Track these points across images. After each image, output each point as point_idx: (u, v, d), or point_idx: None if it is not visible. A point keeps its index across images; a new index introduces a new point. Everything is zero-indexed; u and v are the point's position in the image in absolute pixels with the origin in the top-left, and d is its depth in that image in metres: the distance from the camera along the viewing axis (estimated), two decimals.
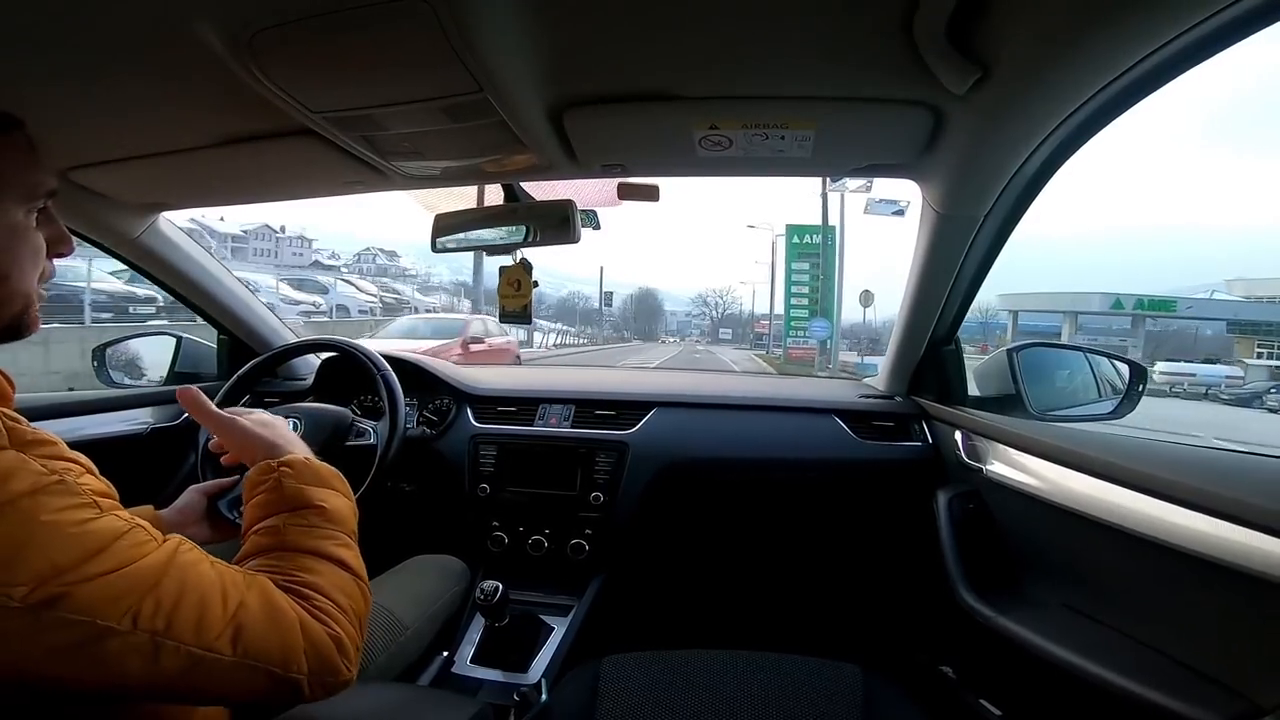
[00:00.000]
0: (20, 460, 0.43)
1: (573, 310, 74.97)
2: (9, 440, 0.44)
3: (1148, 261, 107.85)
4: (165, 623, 0.44)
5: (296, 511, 0.61)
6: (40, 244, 0.56)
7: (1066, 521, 0.86)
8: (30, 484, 0.42)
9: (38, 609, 0.39)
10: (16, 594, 0.39)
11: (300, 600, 0.53)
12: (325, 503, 0.62)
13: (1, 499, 0.41)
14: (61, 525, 0.42)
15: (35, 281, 0.56)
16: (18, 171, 0.53)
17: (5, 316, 0.53)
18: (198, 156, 0.97)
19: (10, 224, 0.52)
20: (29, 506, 0.42)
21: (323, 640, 0.51)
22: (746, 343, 58.96)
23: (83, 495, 0.45)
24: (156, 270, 1.38)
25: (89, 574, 0.42)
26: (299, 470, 0.64)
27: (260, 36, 0.62)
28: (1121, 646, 0.77)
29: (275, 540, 0.58)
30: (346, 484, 0.68)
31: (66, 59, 0.68)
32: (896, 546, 1.39)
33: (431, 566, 1.20)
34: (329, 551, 0.59)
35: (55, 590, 0.40)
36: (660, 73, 0.76)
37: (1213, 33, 0.58)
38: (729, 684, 0.89)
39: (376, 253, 69.27)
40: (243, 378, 1.24)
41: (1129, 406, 1.21)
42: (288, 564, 0.56)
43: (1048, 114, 0.75)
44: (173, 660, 0.44)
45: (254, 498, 0.63)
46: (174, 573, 0.46)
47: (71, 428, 1.25)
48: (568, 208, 1.10)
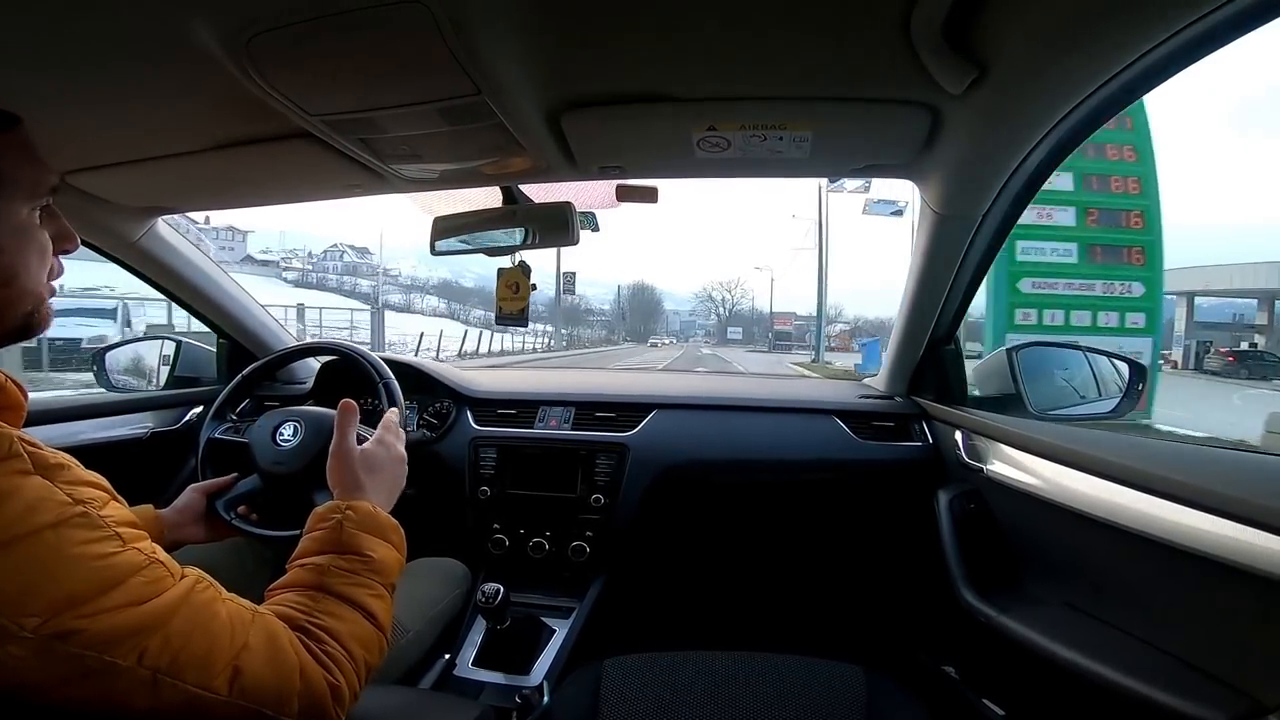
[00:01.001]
0: (46, 489, 0.44)
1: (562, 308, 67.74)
2: (33, 466, 0.44)
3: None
4: (169, 661, 0.44)
5: (345, 555, 0.63)
6: (46, 242, 0.56)
7: (1067, 520, 0.86)
8: (55, 515, 0.43)
9: (49, 641, 0.40)
10: (29, 624, 0.40)
11: (312, 642, 0.54)
12: (374, 553, 0.64)
13: (25, 530, 0.41)
14: (82, 558, 0.43)
15: (44, 279, 0.56)
16: (20, 168, 0.53)
17: (16, 315, 0.54)
18: (196, 160, 0.97)
19: (16, 223, 0.53)
20: (52, 540, 0.42)
21: (319, 686, 0.52)
22: (763, 344, 53.12)
23: (105, 528, 0.45)
24: (155, 274, 1.38)
25: (103, 608, 0.42)
26: (361, 517, 0.66)
27: (257, 40, 0.62)
28: (1124, 645, 0.77)
29: (316, 578, 0.60)
30: (402, 535, 0.70)
31: (63, 63, 0.68)
32: (897, 547, 1.39)
33: (432, 569, 1.20)
34: (361, 600, 0.60)
35: (69, 624, 0.41)
36: (658, 74, 0.76)
37: (1208, 31, 0.58)
38: (731, 685, 0.89)
39: (345, 250, 66.08)
40: (242, 381, 1.24)
41: (1129, 405, 1.21)
42: (318, 605, 0.58)
43: (1045, 113, 0.76)
44: (171, 696, 0.44)
45: (313, 532, 0.65)
46: (185, 611, 0.47)
47: (72, 432, 1.25)
48: (566, 210, 1.11)
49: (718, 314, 78.71)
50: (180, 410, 1.49)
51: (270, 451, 1.04)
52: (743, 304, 78.05)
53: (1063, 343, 1.44)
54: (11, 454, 0.43)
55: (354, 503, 0.68)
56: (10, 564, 0.40)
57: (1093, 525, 0.81)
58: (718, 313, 78.84)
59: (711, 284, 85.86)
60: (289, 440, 1.05)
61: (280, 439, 1.06)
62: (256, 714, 0.48)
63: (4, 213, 0.51)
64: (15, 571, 0.40)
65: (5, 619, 0.39)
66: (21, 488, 0.42)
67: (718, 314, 78.71)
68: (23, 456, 0.44)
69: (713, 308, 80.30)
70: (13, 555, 0.40)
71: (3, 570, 0.40)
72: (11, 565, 0.40)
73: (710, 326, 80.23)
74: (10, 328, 0.54)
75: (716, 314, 78.71)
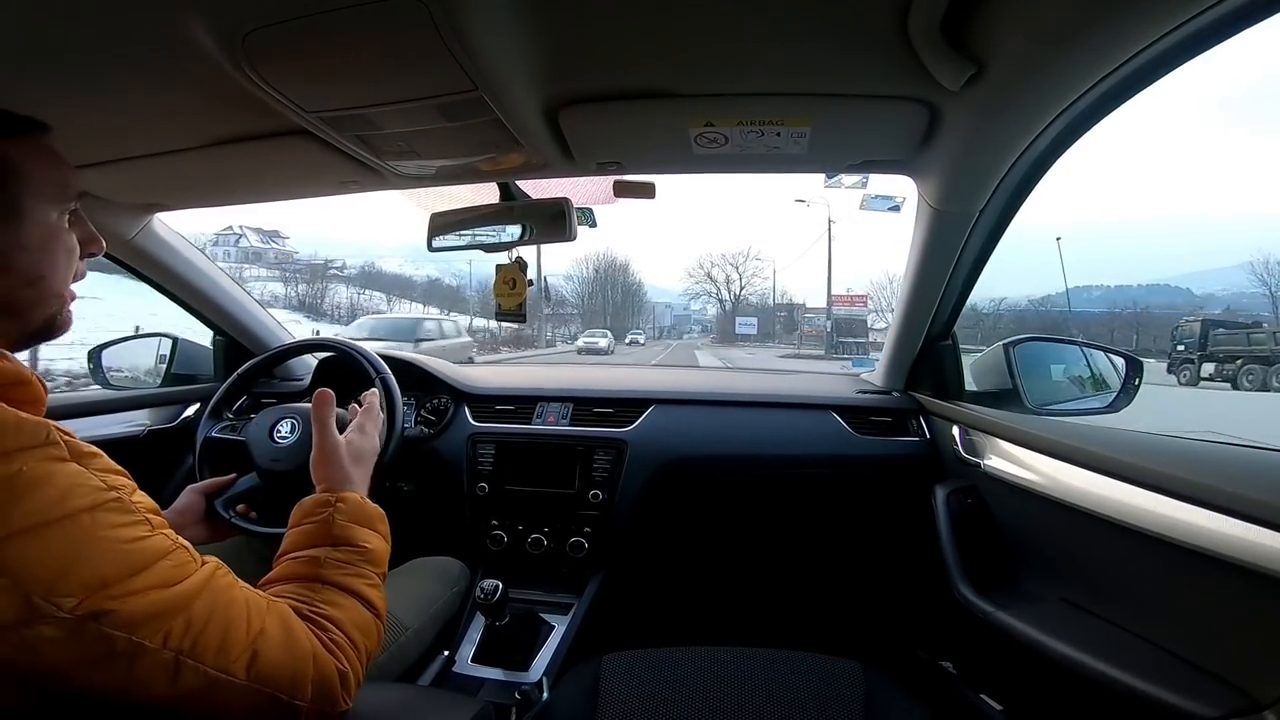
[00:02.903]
0: (81, 475, 0.45)
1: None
2: (69, 453, 0.45)
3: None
4: (191, 643, 0.45)
5: (339, 547, 0.64)
6: (74, 245, 0.57)
7: (1064, 516, 0.87)
8: (90, 500, 0.44)
9: (84, 621, 0.41)
10: (65, 605, 0.40)
11: (318, 630, 0.55)
12: (367, 543, 0.66)
13: (62, 513, 0.42)
14: (114, 541, 0.44)
15: (70, 282, 0.57)
16: (48, 173, 0.54)
17: (42, 317, 0.55)
18: (192, 157, 0.96)
19: (46, 226, 0.54)
20: (88, 522, 0.43)
21: (330, 673, 0.53)
22: (789, 341, 38.61)
23: (136, 513, 0.47)
24: (151, 271, 1.38)
25: (134, 589, 0.44)
26: (352, 509, 0.67)
27: (253, 36, 0.62)
28: (1120, 641, 0.77)
29: (312, 571, 0.61)
30: (387, 525, 0.71)
31: (58, 59, 0.68)
32: (895, 542, 1.39)
33: (431, 567, 1.21)
34: (359, 589, 0.61)
35: (103, 604, 0.42)
36: (655, 70, 0.76)
37: (1205, 28, 0.58)
38: (730, 681, 0.89)
39: (243, 233, 46.57)
40: (239, 379, 1.24)
41: (1125, 400, 1.21)
42: (317, 595, 0.59)
43: (1042, 109, 0.76)
44: (191, 679, 0.45)
45: (302, 525, 0.66)
46: (207, 596, 0.48)
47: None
48: (563, 205, 1.10)
49: (720, 299, 53.44)
50: (177, 408, 1.49)
51: (268, 449, 1.04)
52: (755, 284, 52.23)
53: (1060, 338, 1.44)
54: (49, 441, 0.44)
55: (343, 495, 0.69)
56: (47, 546, 0.41)
57: (1090, 521, 0.81)
58: (720, 298, 53.43)
59: (709, 258, 57.31)
60: (287, 437, 1.05)
61: (278, 436, 1.06)
62: (271, 698, 0.49)
63: (34, 216, 0.53)
64: (52, 553, 0.41)
65: (41, 599, 0.40)
66: (58, 473, 0.44)
67: (720, 299, 53.44)
68: (59, 444, 0.45)
69: (714, 292, 53.75)
70: (50, 537, 0.41)
71: (40, 552, 0.41)
72: (49, 547, 0.41)
73: (708, 321, 56.48)
74: (34, 328, 0.55)
75: (718, 299, 53.46)
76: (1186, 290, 54.94)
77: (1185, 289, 56.19)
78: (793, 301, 48.02)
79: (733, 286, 52.52)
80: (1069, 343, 1.44)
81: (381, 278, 49.68)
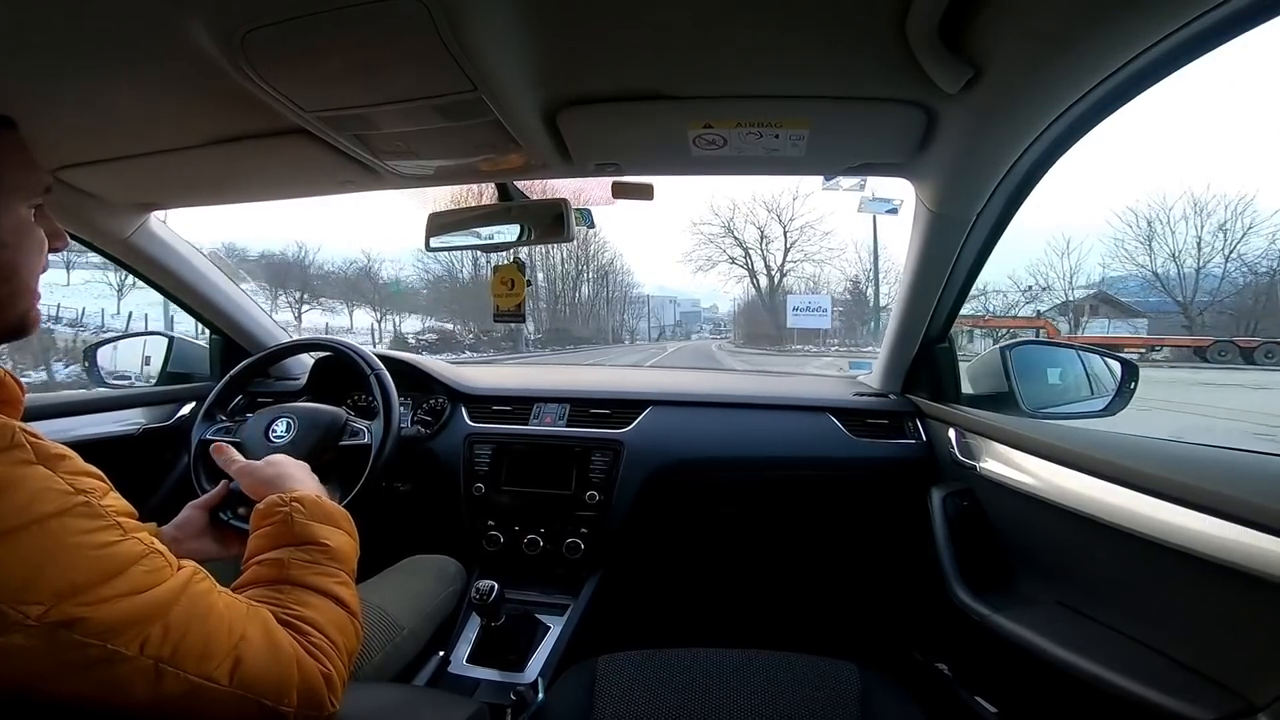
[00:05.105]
0: (49, 479, 0.44)
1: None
2: (35, 456, 0.44)
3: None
4: (171, 650, 0.45)
5: (302, 547, 0.62)
6: (43, 239, 0.57)
7: (1060, 519, 0.87)
8: (57, 504, 0.43)
9: (54, 628, 0.40)
10: (32, 612, 0.40)
11: (297, 635, 0.54)
12: (330, 540, 0.64)
13: (29, 518, 0.41)
14: (84, 547, 0.43)
15: (39, 277, 0.57)
16: (18, 168, 0.54)
17: (15, 313, 0.54)
18: (189, 156, 0.96)
19: (17, 221, 0.54)
20: (56, 528, 0.42)
21: (314, 677, 0.52)
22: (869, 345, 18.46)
23: (106, 518, 0.46)
24: (148, 270, 1.37)
25: (105, 596, 0.43)
26: (309, 508, 0.66)
27: (252, 35, 0.62)
28: (1115, 644, 0.78)
29: (278, 573, 0.59)
30: (352, 523, 0.70)
31: (56, 58, 0.68)
32: (891, 544, 1.39)
33: (427, 566, 1.20)
34: (328, 588, 0.60)
35: (72, 612, 0.41)
36: (654, 72, 0.76)
37: (1203, 31, 0.59)
38: (725, 682, 0.89)
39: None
40: (235, 378, 1.23)
41: (1121, 404, 1.22)
42: (287, 597, 0.57)
43: (1040, 113, 0.76)
44: (173, 685, 0.44)
45: (261, 528, 0.64)
46: (185, 602, 0.47)
47: (63, 428, 1.24)
48: (562, 206, 1.10)
49: (750, 270, 28.29)
50: (172, 407, 1.48)
51: (264, 449, 1.04)
52: (806, 247, 27.40)
53: (1056, 341, 1.44)
54: (14, 444, 0.43)
55: (298, 494, 0.67)
56: (14, 552, 0.40)
57: (1085, 523, 0.81)
58: (750, 268, 28.28)
59: (731, 204, 32.91)
60: (282, 436, 1.05)
61: (274, 435, 1.05)
62: (256, 705, 0.48)
63: (6, 211, 0.52)
64: (19, 560, 0.40)
65: (9, 606, 0.39)
66: (25, 477, 0.43)
67: (750, 270, 28.29)
68: (25, 446, 0.44)
69: (740, 258, 28.58)
70: (17, 543, 0.41)
71: (7, 558, 0.40)
72: (15, 553, 0.40)
73: (720, 318, 37.66)
74: (7, 325, 0.54)
75: (748, 268, 28.34)
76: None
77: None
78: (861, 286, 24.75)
79: (772, 248, 27.79)
80: (1065, 346, 1.44)
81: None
